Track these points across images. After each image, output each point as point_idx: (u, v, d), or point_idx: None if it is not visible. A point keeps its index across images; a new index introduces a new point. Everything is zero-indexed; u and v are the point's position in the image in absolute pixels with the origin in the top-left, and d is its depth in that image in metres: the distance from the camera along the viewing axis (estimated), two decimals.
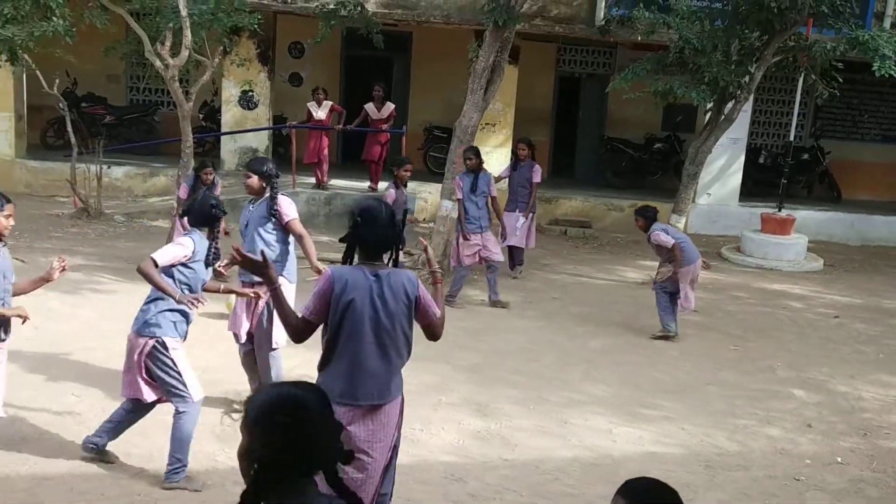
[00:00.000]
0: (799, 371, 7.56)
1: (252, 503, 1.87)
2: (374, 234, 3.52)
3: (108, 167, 12.84)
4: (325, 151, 12.91)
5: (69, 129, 12.21)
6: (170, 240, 9.66)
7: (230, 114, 14.04)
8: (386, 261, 3.62)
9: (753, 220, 13.48)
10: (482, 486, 5.00)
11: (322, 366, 3.65)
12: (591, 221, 13.95)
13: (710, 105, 10.13)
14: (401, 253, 3.71)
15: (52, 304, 7.79)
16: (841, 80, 10.02)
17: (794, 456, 5.74)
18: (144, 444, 5.12)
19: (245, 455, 1.92)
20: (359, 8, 10.92)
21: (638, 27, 11.75)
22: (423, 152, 15.50)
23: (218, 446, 5.14)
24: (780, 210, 12.67)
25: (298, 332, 3.57)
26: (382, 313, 3.52)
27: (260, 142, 14.04)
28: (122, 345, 6.76)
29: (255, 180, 5.61)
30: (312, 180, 12.99)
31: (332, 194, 12.71)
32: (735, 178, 14.38)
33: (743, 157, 14.40)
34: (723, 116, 10.07)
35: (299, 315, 3.57)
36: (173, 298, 4.61)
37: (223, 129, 14.11)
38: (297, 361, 6.54)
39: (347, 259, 3.64)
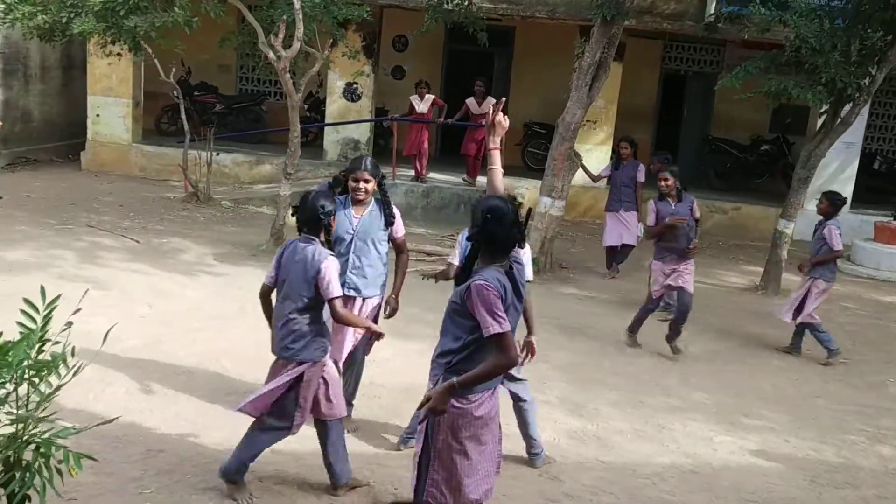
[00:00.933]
0: None
1: None
2: (502, 233, 3.50)
3: (217, 154, 13.30)
4: (425, 145, 13.04)
5: (182, 116, 12.72)
6: None
7: (335, 105, 14.32)
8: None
9: (864, 228, 12.90)
10: (578, 486, 4.96)
11: (467, 365, 3.51)
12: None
13: (825, 107, 9.71)
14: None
15: (164, 285, 8.15)
16: None
17: None
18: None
19: None
20: (466, 2, 10.94)
21: (748, 24, 11.36)
22: (522, 148, 15.46)
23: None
24: (895, 219, 12.08)
25: (513, 353, 3.43)
26: (518, 311, 3.61)
27: (361, 133, 14.28)
28: (227, 326, 7.04)
29: (373, 185, 5.08)
30: (411, 173, 13.13)
31: (431, 187, 12.82)
32: (847, 184, 13.77)
33: (857, 163, 13.81)
34: (839, 119, 9.64)
35: (497, 332, 3.37)
36: None
37: (327, 120, 14.41)
38: (390, 353, 6.63)
39: (473, 260, 3.56)
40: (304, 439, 4.66)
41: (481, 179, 13.30)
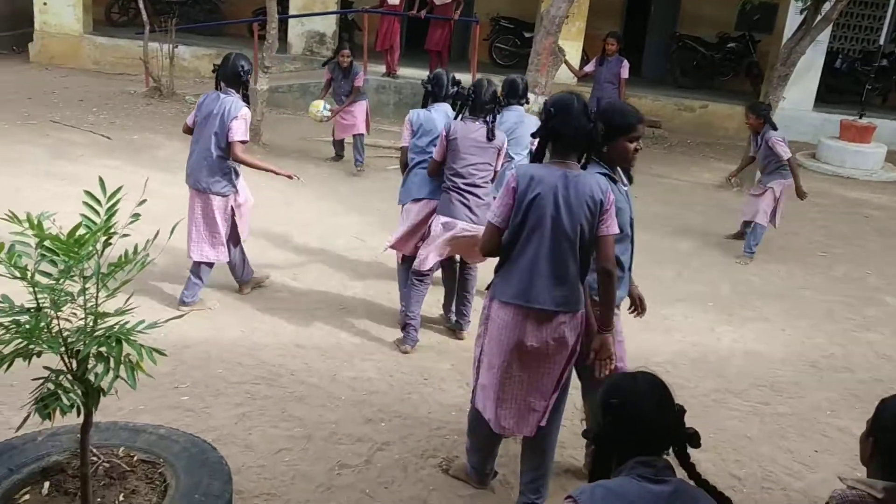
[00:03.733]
0: (889, 280, 7.52)
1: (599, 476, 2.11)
2: (566, 127, 3.36)
3: (177, 47, 12.70)
4: (397, 39, 12.65)
5: (141, 5, 12.06)
6: None
7: None
8: (580, 161, 3.43)
9: (827, 126, 13.18)
10: None
11: (500, 265, 3.49)
12: (660, 121, 13.68)
13: (808, 3, 9.70)
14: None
15: (150, 184, 7.86)
16: None
17: None
18: None
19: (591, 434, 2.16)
20: None
21: None
22: (490, 43, 15.17)
23: None
24: (861, 117, 12.34)
25: (486, 243, 3.51)
26: (565, 215, 3.30)
27: (328, 26, 13.79)
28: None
29: None
30: (382, 68, 12.78)
31: (403, 83, 12.52)
32: (812, 83, 13.96)
33: (822, 62, 13.94)
34: (820, 16, 9.66)
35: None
36: None
37: (291, 13, 13.84)
38: None
39: (539, 156, 3.48)
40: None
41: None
